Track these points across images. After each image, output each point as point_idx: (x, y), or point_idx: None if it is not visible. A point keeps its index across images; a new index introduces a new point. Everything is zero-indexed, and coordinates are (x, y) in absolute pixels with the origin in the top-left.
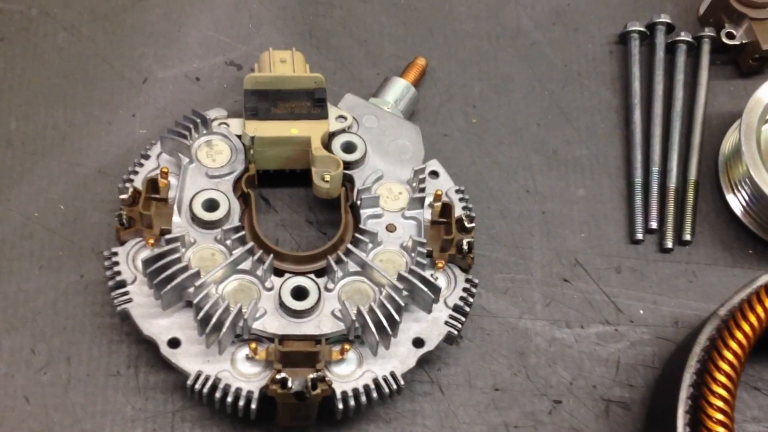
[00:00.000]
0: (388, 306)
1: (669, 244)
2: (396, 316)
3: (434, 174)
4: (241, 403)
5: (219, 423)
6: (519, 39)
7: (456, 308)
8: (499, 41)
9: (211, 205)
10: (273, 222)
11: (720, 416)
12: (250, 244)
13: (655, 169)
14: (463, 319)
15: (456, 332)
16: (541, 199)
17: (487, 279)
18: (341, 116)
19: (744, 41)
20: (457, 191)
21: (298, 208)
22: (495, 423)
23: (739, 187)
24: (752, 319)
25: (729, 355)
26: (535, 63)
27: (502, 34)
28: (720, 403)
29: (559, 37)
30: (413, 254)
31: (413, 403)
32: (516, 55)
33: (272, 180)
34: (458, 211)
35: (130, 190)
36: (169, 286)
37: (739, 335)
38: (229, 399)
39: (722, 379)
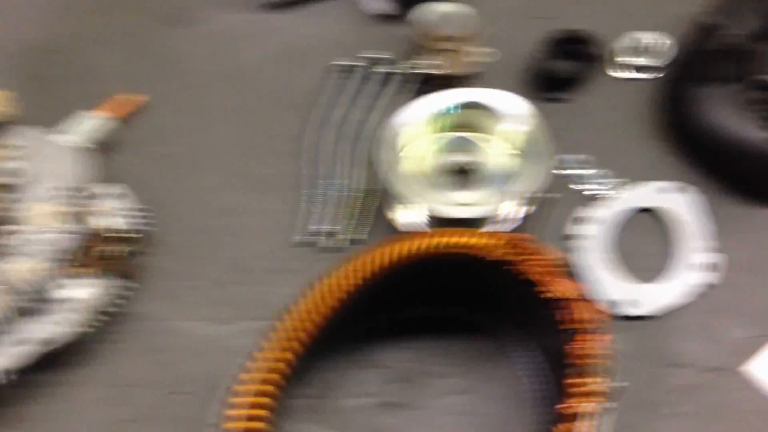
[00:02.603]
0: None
1: (324, 244)
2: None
3: (115, 196)
4: None
5: None
6: (243, 75)
7: (97, 312)
8: (220, 78)
9: None
10: None
11: None
12: None
13: (322, 181)
14: (101, 320)
15: (92, 332)
16: (221, 215)
17: (153, 285)
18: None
19: (433, 70)
20: (133, 210)
21: None
22: (118, 418)
23: None
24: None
25: None
26: (250, 96)
27: (225, 72)
28: None
29: (280, 72)
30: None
31: (38, 405)
32: (234, 89)
33: None
34: (126, 225)
35: None
36: None
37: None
38: None
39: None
